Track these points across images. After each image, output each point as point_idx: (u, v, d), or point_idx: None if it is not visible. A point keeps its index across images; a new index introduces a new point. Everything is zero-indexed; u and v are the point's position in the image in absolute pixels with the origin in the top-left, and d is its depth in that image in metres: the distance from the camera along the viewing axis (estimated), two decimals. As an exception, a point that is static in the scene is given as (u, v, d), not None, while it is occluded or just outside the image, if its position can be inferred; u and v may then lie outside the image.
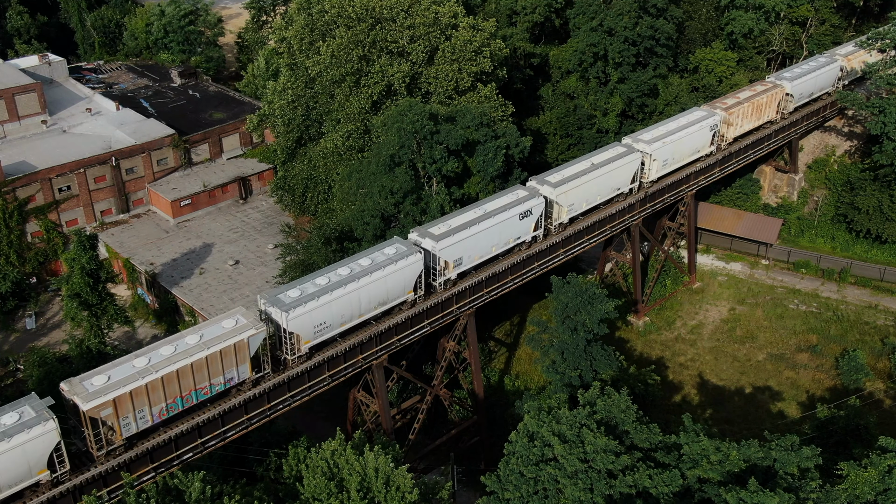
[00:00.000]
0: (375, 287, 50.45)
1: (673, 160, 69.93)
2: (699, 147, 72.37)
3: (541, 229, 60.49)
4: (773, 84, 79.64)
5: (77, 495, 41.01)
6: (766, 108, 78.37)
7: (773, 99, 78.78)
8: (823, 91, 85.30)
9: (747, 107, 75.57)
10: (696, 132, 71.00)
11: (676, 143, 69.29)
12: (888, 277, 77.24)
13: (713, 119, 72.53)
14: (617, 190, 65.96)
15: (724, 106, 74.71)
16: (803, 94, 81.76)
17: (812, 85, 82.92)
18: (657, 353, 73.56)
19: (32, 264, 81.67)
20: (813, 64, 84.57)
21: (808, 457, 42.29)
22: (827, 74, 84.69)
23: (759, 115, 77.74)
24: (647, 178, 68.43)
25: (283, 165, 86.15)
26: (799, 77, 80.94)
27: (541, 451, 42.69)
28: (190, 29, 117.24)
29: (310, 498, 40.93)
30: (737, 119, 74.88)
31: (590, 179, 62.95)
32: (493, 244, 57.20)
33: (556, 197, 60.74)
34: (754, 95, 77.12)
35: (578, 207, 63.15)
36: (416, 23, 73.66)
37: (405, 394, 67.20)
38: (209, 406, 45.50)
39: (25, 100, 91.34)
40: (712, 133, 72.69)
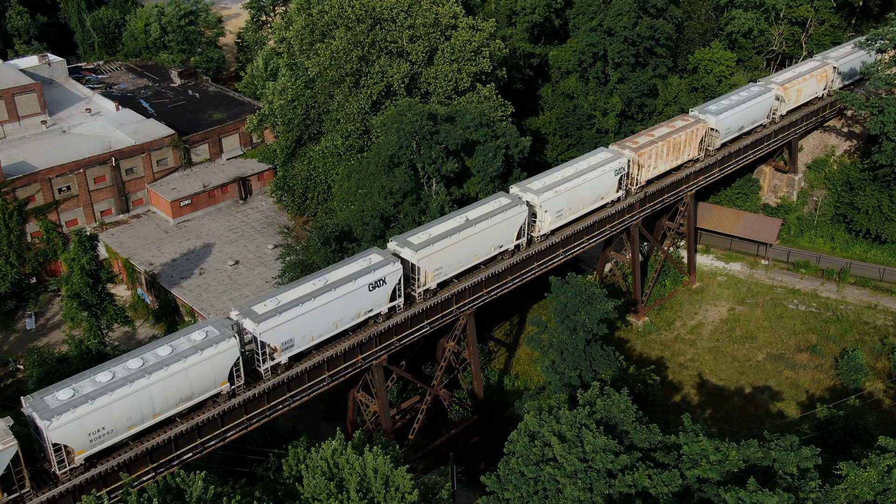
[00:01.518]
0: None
1: (570, 210, 62.01)
2: (603, 193, 64.59)
3: (400, 298, 52.38)
4: (695, 119, 72.51)
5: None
6: (686, 145, 70.84)
7: (695, 136, 71.38)
8: (756, 124, 78.37)
9: (662, 146, 68.18)
10: (597, 177, 63.25)
11: (573, 191, 61.42)
12: (888, 277, 77.27)
13: (619, 162, 64.91)
14: (499, 247, 57.59)
15: (635, 146, 67.44)
16: (731, 128, 74.62)
17: (742, 118, 75.52)
18: (657, 353, 73.59)
19: (32, 265, 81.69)
20: (744, 94, 76.89)
21: (807, 457, 42.30)
22: (759, 106, 77.36)
23: (677, 154, 70.43)
24: (539, 232, 60.60)
25: (283, 166, 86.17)
26: (726, 110, 73.66)
27: (541, 451, 42.71)
28: (190, 29, 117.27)
29: (309, 498, 40.94)
30: (649, 160, 67.52)
31: (462, 239, 54.38)
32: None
33: (419, 261, 52.17)
34: (672, 133, 70.00)
35: (448, 271, 54.75)
36: (416, 23, 73.69)
37: (405, 394, 67.24)
38: (208, 406, 45.52)
39: (25, 100, 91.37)
40: (619, 177, 65.21)
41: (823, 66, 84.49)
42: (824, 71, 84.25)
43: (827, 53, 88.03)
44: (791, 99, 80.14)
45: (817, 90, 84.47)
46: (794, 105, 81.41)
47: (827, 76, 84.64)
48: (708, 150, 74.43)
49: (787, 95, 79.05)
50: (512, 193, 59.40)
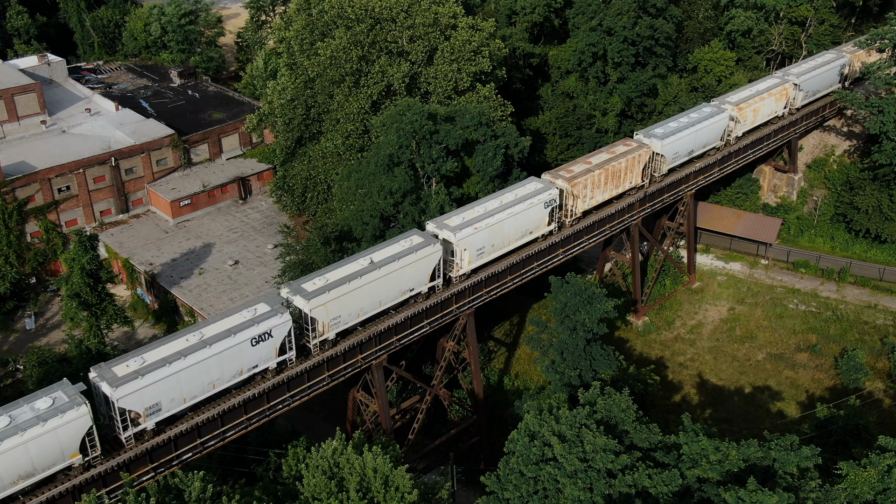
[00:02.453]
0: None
1: (493, 247, 57.08)
2: (532, 227, 59.67)
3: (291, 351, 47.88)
4: (639, 144, 67.76)
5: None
6: (628, 172, 66.09)
7: (637, 162, 66.51)
8: (708, 147, 73.98)
9: (599, 174, 63.49)
10: (525, 211, 58.17)
11: (496, 226, 56.39)
12: (887, 277, 77.26)
13: (549, 193, 59.80)
14: (410, 291, 53.03)
15: (569, 175, 62.42)
16: (679, 153, 70.17)
17: (691, 141, 71.11)
18: (657, 353, 73.59)
19: (32, 265, 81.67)
20: (694, 116, 72.19)
21: (807, 456, 42.30)
22: (711, 128, 72.71)
23: (617, 183, 65.60)
24: (458, 272, 55.62)
25: (283, 165, 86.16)
26: (673, 133, 69.00)
27: (540, 451, 42.70)
28: (189, 29, 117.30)
29: (309, 497, 40.93)
30: (584, 190, 62.82)
31: (364, 284, 49.72)
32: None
33: (312, 311, 47.72)
34: (611, 159, 65.21)
35: (349, 319, 50.20)
36: (415, 23, 73.69)
37: (405, 394, 67.23)
38: (207, 406, 45.53)
39: (25, 100, 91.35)
40: (549, 209, 60.20)
41: (783, 84, 79.96)
42: (784, 89, 79.70)
43: (788, 69, 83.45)
44: (747, 119, 75.87)
45: (777, 109, 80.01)
46: (752, 126, 77.38)
47: (787, 94, 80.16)
48: (654, 177, 69.60)
49: (742, 116, 74.79)
50: (427, 231, 54.83)
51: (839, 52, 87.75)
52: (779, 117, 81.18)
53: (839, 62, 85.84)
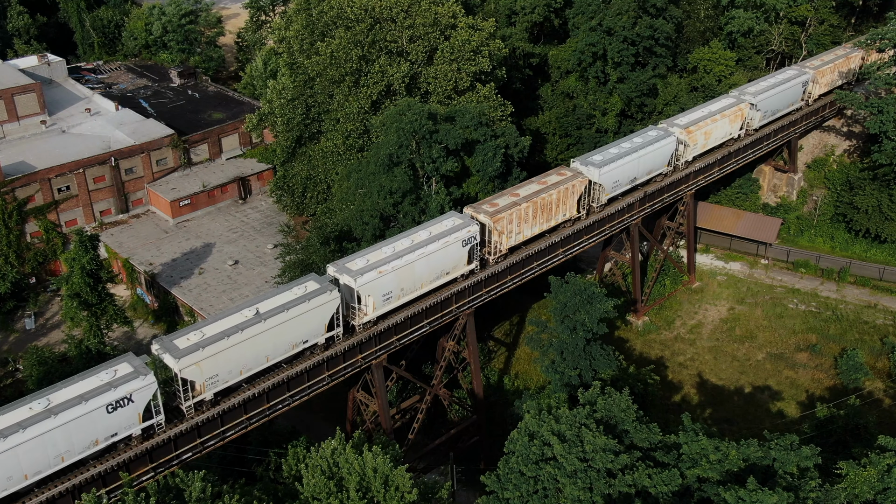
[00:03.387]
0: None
1: (402, 291, 52.49)
2: (449, 267, 54.90)
3: (159, 415, 43.67)
4: (574, 173, 63.07)
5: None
6: (561, 204, 61.00)
7: (571, 192, 61.67)
8: (654, 174, 69.29)
9: (527, 208, 58.46)
10: (439, 250, 53.32)
11: (405, 269, 51.94)
12: (887, 277, 77.27)
13: (468, 231, 54.71)
14: (303, 343, 48.49)
15: (492, 209, 57.35)
16: (619, 181, 65.52)
17: (633, 168, 66.44)
18: (656, 353, 73.59)
19: (32, 264, 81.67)
20: (638, 140, 67.77)
21: (807, 456, 42.32)
22: (657, 153, 68.10)
23: (548, 216, 60.61)
24: (361, 320, 50.88)
25: (283, 165, 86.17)
26: (613, 161, 64.41)
27: (540, 451, 42.71)
28: (189, 28, 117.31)
29: (309, 497, 40.94)
30: (509, 225, 57.57)
31: (248, 338, 45.53)
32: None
33: (183, 371, 43.41)
34: (542, 191, 60.18)
35: (229, 378, 45.59)
36: (415, 23, 73.69)
37: (404, 393, 67.24)
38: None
39: (25, 100, 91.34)
40: (469, 248, 55.47)
41: (738, 104, 75.61)
42: (739, 109, 75.37)
43: (745, 88, 78.82)
44: (697, 143, 71.38)
45: (731, 131, 75.61)
46: (703, 149, 72.92)
47: (742, 115, 75.80)
48: (592, 207, 65.21)
49: (692, 139, 70.58)
50: (325, 276, 50.33)
51: (801, 69, 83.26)
52: (734, 139, 76.91)
53: (801, 79, 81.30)
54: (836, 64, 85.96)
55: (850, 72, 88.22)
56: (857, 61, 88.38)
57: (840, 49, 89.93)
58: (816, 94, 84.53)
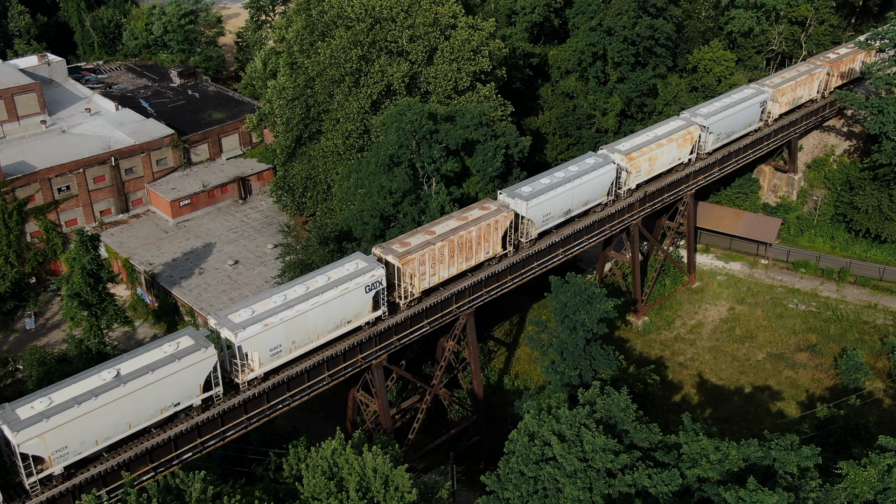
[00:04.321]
0: None
1: (295, 345, 47.95)
2: (351, 315, 50.38)
3: None
4: (500, 207, 58.07)
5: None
6: (483, 241, 56.43)
7: (494, 228, 56.71)
8: (591, 204, 64.50)
9: (442, 247, 53.51)
10: (338, 297, 48.89)
11: (298, 319, 47.26)
12: (887, 277, 77.28)
13: (371, 276, 50.25)
14: (174, 405, 43.86)
15: (402, 250, 52.66)
16: (551, 214, 60.66)
17: (567, 200, 61.75)
18: (656, 353, 73.60)
19: (32, 264, 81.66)
20: (573, 169, 63.02)
21: (807, 456, 42.33)
22: (594, 182, 63.48)
23: (468, 254, 55.91)
24: (245, 378, 46.33)
25: (283, 165, 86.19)
26: (543, 192, 59.64)
27: (540, 451, 42.72)
28: (189, 28, 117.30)
29: (309, 497, 40.95)
30: (422, 267, 53.11)
31: (105, 404, 40.79)
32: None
33: (21, 445, 38.64)
34: (461, 227, 55.20)
35: (82, 448, 41.08)
36: (415, 23, 73.71)
37: (405, 393, 67.25)
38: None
39: (25, 100, 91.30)
40: (373, 293, 50.91)
41: (688, 127, 71.22)
42: (688, 133, 70.97)
43: (696, 109, 74.30)
44: (641, 170, 67.18)
45: (680, 156, 71.38)
46: (648, 176, 68.68)
47: (692, 138, 71.41)
48: (521, 243, 60.34)
49: (634, 166, 66.25)
50: (201, 331, 46.00)
51: (759, 88, 79.03)
52: (683, 164, 72.51)
53: (758, 98, 77.19)
54: (797, 82, 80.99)
55: (813, 89, 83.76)
56: (823, 77, 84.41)
57: (803, 65, 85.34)
58: (777, 113, 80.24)
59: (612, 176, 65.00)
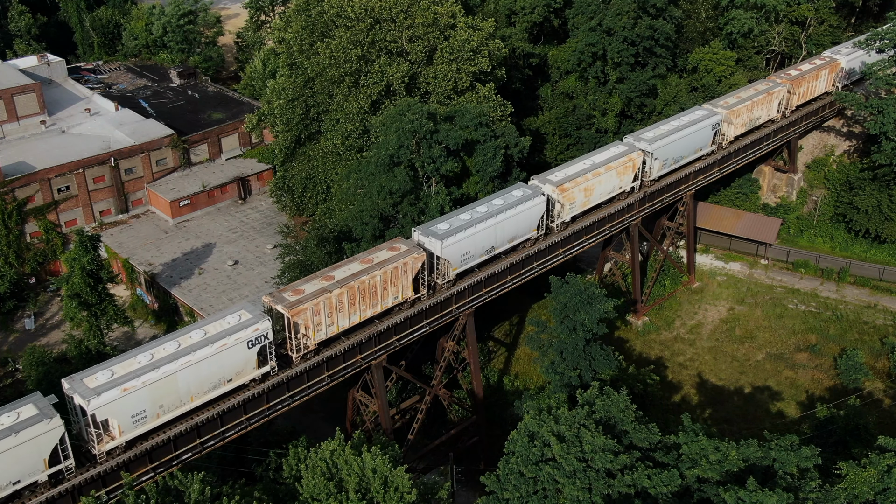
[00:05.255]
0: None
1: (163, 409, 43.01)
2: (232, 374, 45.50)
3: None
4: (410, 248, 52.96)
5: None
6: (391, 285, 51.50)
7: (403, 272, 51.77)
8: (519, 240, 59.15)
9: (340, 294, 48.56)
10: (213, 356, 43.97)
11: (163, 382, 42.32)
12: (887, 277, 77.26)
13: (255, 329, 45.47)
14: (13, 485, 38.72)
15: (295, 298, 47.66)
16: (471, 252, 55.55)
17: (489, 237, 56.30)
18: (656, 353, 73.59)
19: (31, 265, 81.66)
20: (498, 203, 57.45)
21: (807, 456, 42.31)
22: (520, 217, 58.15)
23: (372, 301, 50.86)
24: (103, 448, 41.46)
25: (282, 166, 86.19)
26: (460, 231, 54.10)
27: (540, 451, 42.71)
28: (189, 28, 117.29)
29: (308, 498, 40.95)
30: (316, 317, 47.99)
31: None
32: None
33: None
34: (364, 272, 50.17)
35: None
36: (415, 23, 73.71)
37: (404, 394, 67.22)
38: (208, 406, 45.52)
39: (24, 100, 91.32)
40: (258, 349, 45.88)
41: (630, 153, 66.24)
42: (630, 159, 65.73)
43: (640, 134, 69.07)
44: (576, 201, 62.12)
45: (622, 184, 66.11)
46: (584, 207, 63.60)
47: (635, 165, 66.18)
48: (437, 285, 55.25)
49: (567, 198, 61.23)
50: (49, 397, 40.63)
51: (712, 109, 74.33)
52: (625, 193, 67.29)
53: (710, 121, 72.43)
54: (754, 102, 76.28)
55: (772, 108, 79.09)
56: (783, 96, 79.31)
57: (762, 83, 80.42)
58: (732, 135, 75.44)
59: (542, 209, 59.71)
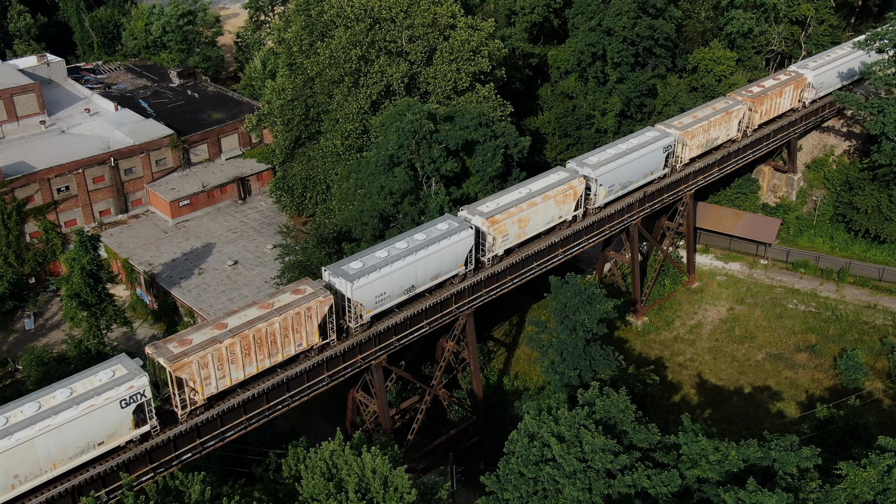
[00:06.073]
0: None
1: (18, 479, 38.65)
2: (102, 437, 40.89)
3: None
4: (315, 290, 48.22)
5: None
6: (293, 331, 46.86)
7: (308, 316, 47.10)
8: (444, 277, 54.53)
9: (232, 344, 43.87)
10: (76, 420, 39.18)
11: (19, 449, 37.93)
12: (887, 277, 77.26)
13: (129, 387, 40.61)
14: None
15: (178, 350, 42.81)
16: (386, 293, 51.11)
17: (407, 275, 51.85)
18: (656, 353, 73.58)
19: (31, 265, 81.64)
20: (420, 238, 52.98)
21: (807, 457, 42.32)
22: (448, 251, 53.57)
23: (272, 350, 46.18)
24: None
25: (282, 166, 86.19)
26: (374, 271, 49.76)
27: (540, 451, 42.71)
28: (188, 28, 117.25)
29: (308, 498, 40.94)
30: (204, 370, 43.43)
31: None
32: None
33: None
34: (262, 318, 45.51)
35: None
36: (414, 23, 73.71)
37: (404, 394, 67.23)
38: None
39: (24, 100, 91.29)
40: (131, 408, 41.09)
41: (571, 180, 61.29)
42: (570, 187, 60.95)
43: (583, 159, 64.27)
44: (509, 234, 57.29)
45: (562, 214, 61.31)
46: (520, 239, 58.90)
47: (576, 193, 61.37)
48: (349, 329, 50.72)
49: (499, 231, 56.37)
50: None
51: (664, 130, 69.92)
52: (565, 223, 62.43)
53: (662, 143, 68.08)
54: (711, 122, 72.03)
55: (732, 128, 75.36)
56: (743, 114, 75.82)
57: (721, 101, 76.60)
58: (687, 157, 71.47)
59: (470, 243, 55.11)
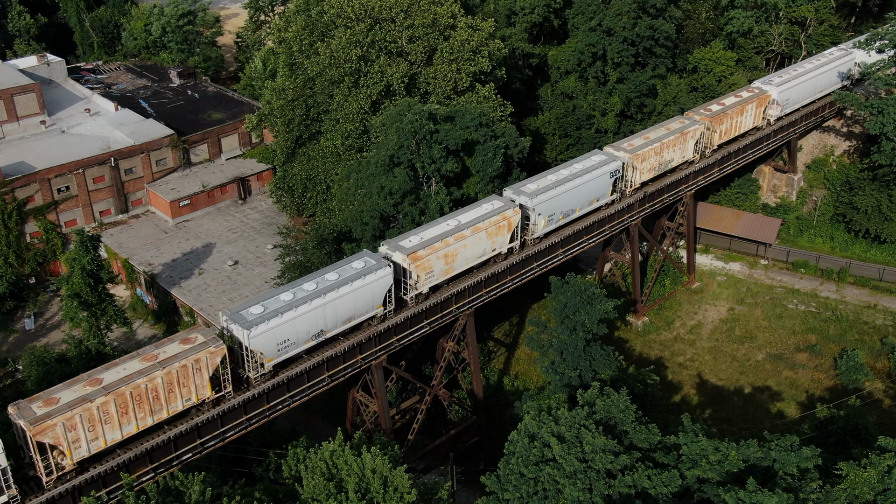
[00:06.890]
0: None
1: None
2: None
3: None
4: (208, 339, 44.32)
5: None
6: (180, 385, 43.09)
7: (197, 368, 43.34)
8: (359, 319, 50.77)
9: (106, 403, 40.23)
10: None
11: None
12: (887, 277, 77.26)
13: None
14: None
15: (42, 411, 39.10)
16: (291, 340, 47.45)
17: (318, 318, 48.12)
18: (656, 353, 73.58)
19: (31, 265, 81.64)
20: (331, 278, 49.18)
21: (807, 457, 42.31)
22: (361, 292, 49.79)
23: (155, 407, 42.63)
24: None
25: (282, 166, 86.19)
26: (276, 316, 46.05)
27: (540, 452, 42.70)
28: (188, 29, 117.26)
29: (308, 498, 40.93)
30: (72, 433, 39.56)
31: None
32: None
33: None
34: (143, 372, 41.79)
35: None
36: (414, 23, 73.72)
37: (404, 394, 67.22)
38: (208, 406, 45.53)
39: (24, 100, 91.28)
40: None
41: (505, 210, 56.55)
42: (504, 217, 56.27)
43: (521, 186, 59.79)
44: (434, 270, 53.07)
45: (496, 246, 56.83)
46: (447, 276, 54.55)
47: (511, 224, 56.72)
48: (250, 380, 46.87)
49: (422, 267, 52.23)
50: None
51: (612, 153, 65.65)
52: (499, 255, 58.08)
53: (609, 167, 63.49)
54: (664, 143, 67.50)
55: (688, 149, 70.93)
56: (700, 134, 71.52)
57: (676, 121, 72.37)
58: (639, 181, 67.02)
59: (389, 282, 50.93)
